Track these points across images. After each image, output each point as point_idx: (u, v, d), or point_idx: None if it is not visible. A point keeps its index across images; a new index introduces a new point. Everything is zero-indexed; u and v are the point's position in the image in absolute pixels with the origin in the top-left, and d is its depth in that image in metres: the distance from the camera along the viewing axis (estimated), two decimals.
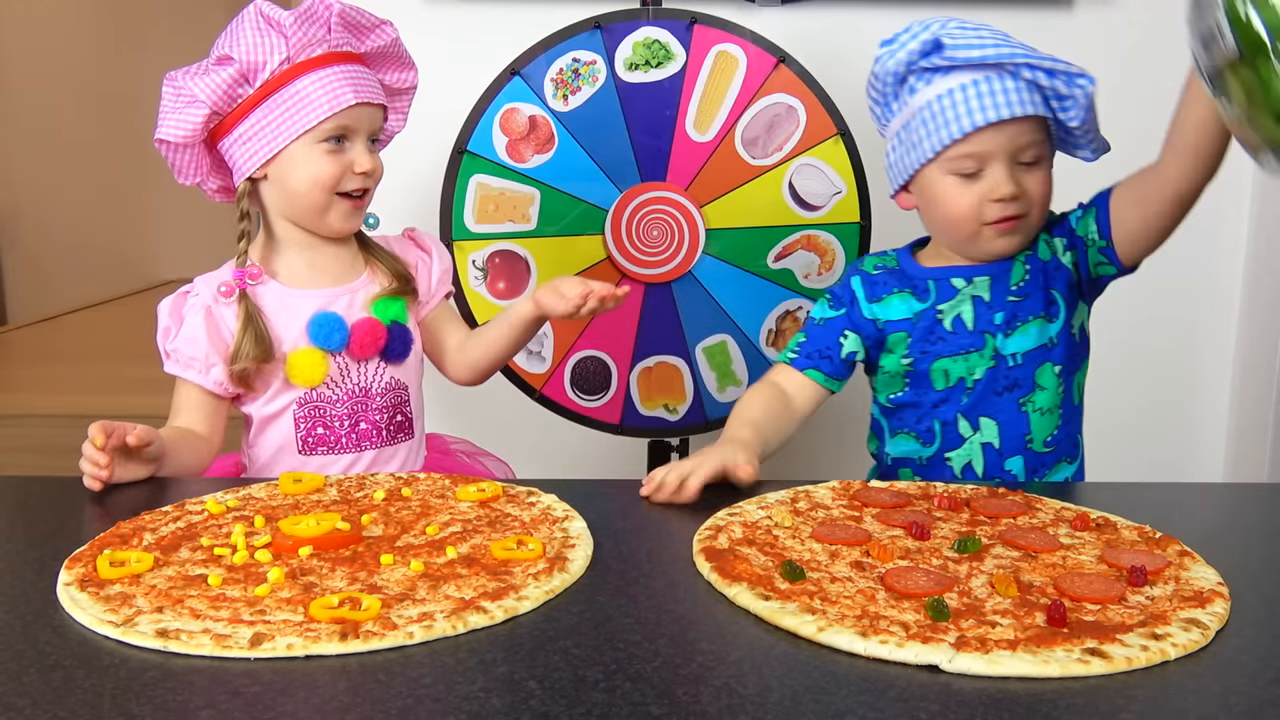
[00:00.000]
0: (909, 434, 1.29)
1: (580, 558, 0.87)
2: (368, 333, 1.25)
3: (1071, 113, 1.17)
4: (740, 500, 1.01)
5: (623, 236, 1.67)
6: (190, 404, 1.25)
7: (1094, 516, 0.97)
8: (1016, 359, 1.22)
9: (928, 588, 0.81)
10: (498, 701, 0.66)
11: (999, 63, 1.15)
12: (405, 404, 1.31)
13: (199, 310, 1.24)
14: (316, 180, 1.22)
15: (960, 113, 1.16)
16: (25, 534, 0.96)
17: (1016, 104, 1.15)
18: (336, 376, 1.25)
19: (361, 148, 1.24)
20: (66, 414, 1.10)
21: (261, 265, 1.26)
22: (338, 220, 1.25)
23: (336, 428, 1.26)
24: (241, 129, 1.22)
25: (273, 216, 1.28)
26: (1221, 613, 0.78)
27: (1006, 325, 1.22)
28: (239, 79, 1.20)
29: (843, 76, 1.77)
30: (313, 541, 0.88)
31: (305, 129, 1.20)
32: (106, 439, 1.05)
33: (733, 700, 0.66)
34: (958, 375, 1.24)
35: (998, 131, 1.16)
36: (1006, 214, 1.19)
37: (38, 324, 3.64)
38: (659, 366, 1.71)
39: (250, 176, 1.24)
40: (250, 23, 1.21)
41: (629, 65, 1.65)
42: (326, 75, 1.21)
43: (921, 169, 1.22)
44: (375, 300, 1.28)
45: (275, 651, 0.71)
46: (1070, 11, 1.91)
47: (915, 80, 1.20)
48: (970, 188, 1.19)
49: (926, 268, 1.28)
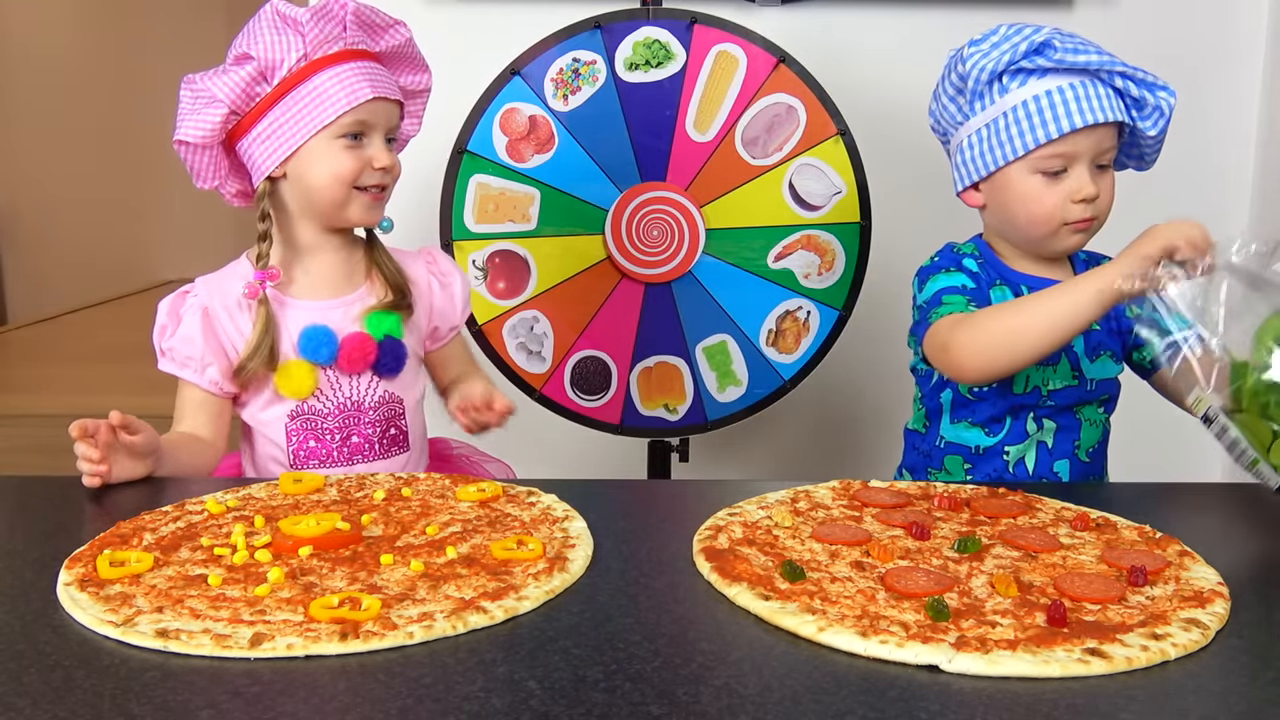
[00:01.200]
0: (974, 424, 1.31)
1: (580, 558, 0.87)
2: (357, 347, 1.24)
3: (1150, 121, 1.24)
4: (740, 500, 1.01)
5: (623, 236, 1.67)
6: (192, 406, 1.25)
7: (1094, 516, 0.97)
8: (1094, 384, 1.30)
9: (928, 588, 0.81)
10: (498, 701, 0.66)
11: (1096, 69, 1.21)
12: (400, 417, 1.30)
13: (196, 311, 1.24)
14: (336, 175, 1.22)
15: (1060, 114, 1.21)
16: (25, 534, 0.96)
17: (1110, 110, 1.21)
18: (327, 389, 1.25)
19: (379, 144, 1.24)
20: (66, 414, 1.09)
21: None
22: (358, 213, 1.25)
23: (328, 440, 1.26)
24: (260, 127, 1.22)
25: (289, 218, 1.27)
26: (1221, 613, 0.78)
27: (1092, 351, 1.29)
28: (257, 77, 1.20)
29: (843, 76, 1.77)
30: (313, 541, 0.88)
31: (324, 124, 1.20)
32: (83, 434, 1.04)
33: (733, 700, 0.66)
34: (1034, 384, 1.28)
35: (1088, 134, 1.22)
36: (1086, 215, 1.25)
37: (38, 324, 3.64)
38: (659, 366, 1.71)
39: (269, 176, 1.24)
40: (267, 21, 1.21)
41: (629, 65, 1.65)
42: (344, 71, 1.21)
43: (1004, 166, 1.25)
44: (369, 314, 1.27)
45: (275, 651, 0.71)
46: (1070, 11, 1.91)
47: (1009, 80, 1.24)
48: (1054, 187, 1.24)
49: (1019, 272, 1.31)
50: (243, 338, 1.24)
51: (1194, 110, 1.95)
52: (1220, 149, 1.96)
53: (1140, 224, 1.17)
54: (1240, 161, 1.97)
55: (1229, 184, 1.98)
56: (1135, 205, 1.59)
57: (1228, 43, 1.93)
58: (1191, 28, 1.92)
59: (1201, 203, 1.98)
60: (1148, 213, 1.92)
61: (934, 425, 1.35)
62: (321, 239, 1.28)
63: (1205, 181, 1.96)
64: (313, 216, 1.27)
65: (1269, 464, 0.92)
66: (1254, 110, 1.95)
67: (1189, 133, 1.95)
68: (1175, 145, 1.93)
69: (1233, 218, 1.98)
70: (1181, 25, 1.93)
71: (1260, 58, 1.93)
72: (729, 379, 1.71)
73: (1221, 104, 1.95)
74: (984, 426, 1.30)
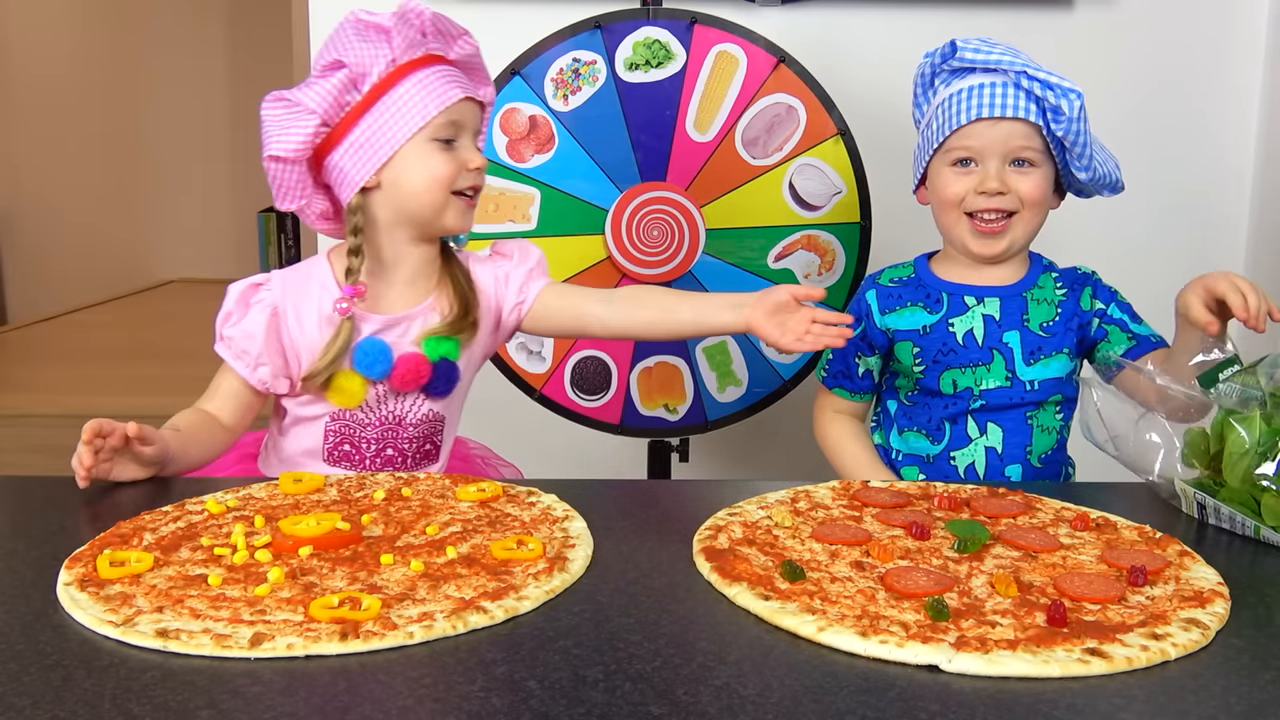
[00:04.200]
0: (919, 431, 1.36)
1: (580, 558, 0.87)
2: (411, 369, 1.22)
3: (1060, 124, 1.27)
4: (740, 500, 1.01)
5: (623, 236, 1.67)
6: (229, 392, 1.24)
7: (1094, 516, 0.97)
8: (1034, 385, 1.32)
9: (928, 588, 0.81)
10: (498, 701, 0.66)
11: (1000, 69, 1.28)
12: (438, 434, 1.28)
13: (266, 308, 1.21)
14: (435, 179, 1.20)
15: (963, 108, 1.30)
16: (25, 534, 0.96)
17: (1010, 106, 1.28)
18: (373, 402, 1.23)
19: (470, 144, 1.23)
20: (66, 414, 1.09)
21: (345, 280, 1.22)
22: (454, 219, 1.23)
23: (363, 449, 1.24)
24: (352, 136, 1.20)
25: (376, 230, 1.24)
26: (1221, 613, 0.78)
27: (1031, 354, 1.32)
28: (348, 85, 1.19)
29: (843, 76, 1.77)
30: (313, 541, 0.88)
31: (418, 127, 1.19)
32: (94, 435, 1.04)
33: (733, 700, 0.66)
34: (965, 385, 1.32)
35: (990, 128, 1.29)
36: (991, 206, 1.29)
37: (38, 324, 3.64)
38: (659, 366, 1.71)
39: (363, 187, 1.21)
40: (352, 29, 1.20)
41: (629, 65, 1.65)
42: (430, 74, 1.20)
43: (930, 161, 1.35)
44: (427, 337, 1.24)
45: (275, 651, 0.71)
46: (1070, 11, 1.91)
47: (939, 83, 1.36)
48: (962, 178, 1.32)
49: (943, 280, 1.37)
50: (307, 342, 1.21)
51: (1194, 110, 1.95)
52: (1220, 149, 1.96)
53: (1141, 224, 1.17)
54: (1240, 162, 1.96)
55: (1228, 184, 1.98)
56: (1136, 204, 1.60)
57: (1228, 43, 1.93)
58: (1191, 28, 1.92)
59: (1201, 203, 1.98)
60: (1147, 212, 1.92)
61: (887, 437, 1.41)
62: (407, 250, 1.25)
63: (1204, 182, 1.96)
64: (405, 226, 1.23)
65: (1269, 527, 0.93)
66: (1254, 110, 1.95)
67: (1189, 133, 1.95)
68: (1174, 146, 1.94)
69: (1232, 218, 1.98)
70: (1181, 25, 1.92)
71: (1260, 58, 1.93)
72: (729, 379, 1.71)
73: (1221, 104, 1.95)
74: (928, 434, 1.35)
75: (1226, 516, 0.97)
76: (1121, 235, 1.91)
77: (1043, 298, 1.34)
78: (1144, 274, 1.42)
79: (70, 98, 4.28)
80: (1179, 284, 1.20)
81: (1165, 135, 1.92)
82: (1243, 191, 1.97)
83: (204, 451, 1.21)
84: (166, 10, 4.30)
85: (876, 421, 1.44)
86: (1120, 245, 1.89)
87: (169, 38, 4.31)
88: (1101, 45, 1.89)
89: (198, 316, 3.50)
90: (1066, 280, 1.36)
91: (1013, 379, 1.32)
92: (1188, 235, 1.98)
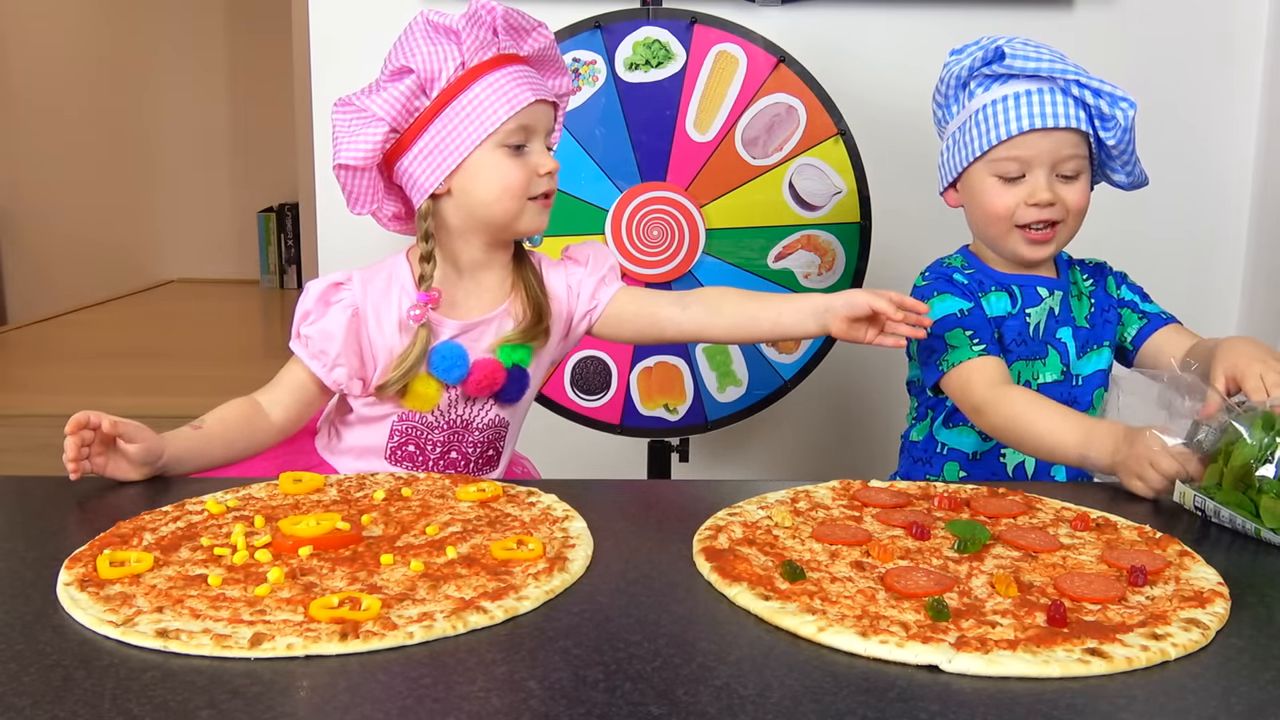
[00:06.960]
0: (970, 425, 1.30)
1: (580, 558, 0.87)
2: (487, 374, 1.21)
3: (1111, 132, 1.25)
4: (740, 500, 1.01)
5: (623, 236, 1.67)
6: (293, 386, 1.21)
7: (1094, 516, 0.97)
8: (1080, 380, 1.32)
9: (928, 588, 0.81)
10: (498, 701, 0.66)
11: (1051, 76, 1.25)
12: (501, 439, 1.28)
13: (347, 309, 1.20)
14: (506, 188, 1.18)
15: (1010, 117, 1.26)
16: (25, 534, 0.96)
17: (1062, 116, 1.24)
18: (443, 406, 1.22)
19: (541, 148, 1.21)
20: (66, 414, 1.08)
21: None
22: (530, 222, 1.21)
23: (428, 451, 1.24)
24: (422, 143, 1.18)
25: (449, 236, 1.23)
26: (1221, 613, 0.78)
27: (1082, 348, 1.32)
28: (417, 90, 1.17)
29: (843, 76, 1.77)
30: (313, 541, 0.88)
31: (489, 132, 1.16)
32: (78, 427, 1.04)
33: (733, 700, 0.66)
34: (1025, 378, 1.31)
35: (1042, 138, 1.25)
36: (1042, 218, 1.27)
37: (38, 324, 3.65)
38: (659, 366, 1.71)
39: (433, 193, 1.20)
40: (421, 32, 1.17)
41: (629, 65, 1.65)
42: (501, 76, 1.17)
43: (969, 167, 1.31)
44: (501, 344, 1.23)
45: (275, 651, 0.71)
46: (1070, 11, 1.91)
47: (975, 86, 1.31)
48: (1011, 190, 1.28)
49: (1006, 273, 1.34)
50: (385, 345, 1.20)
51: (1194, 110, 1.95)
52: (1220, 149, 1.96)
53: (1141, 223, 1.18)
54: (1240, 162, 1.96)
55: (1228, 184, 1.98)
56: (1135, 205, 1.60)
57: (1228, 43, 1.93)
58: (1191, 28, 1.92)
59: (1200, 203, 1.98)
60: (1146, 212, 1.92)
61: (931, 431, 1.37)
62: (483, 255, 1.24)
63: (1204, 182, 1.96)
64: (479, 232, 1.22)
65: (1269, 529, 0.93)
66: (1254, 110, 1.95)
67: (1189, 133, 1.95)
68: (1174, 146, 1.94)
69: (1231, 218, 1.98)
70: (1181, 25, 1.92)
71: (1260, 58, 1.93)
72: (729, 379, 1.71)
73: (1221, 104, 1.95)
74: (979, 430, 1.31)
75: (1226, 518, 0.97)
76: (1121, 234, 1.91)
77: (1078, 291, 1.35)
78: (1144, 274, 1.42)
79: (70, 98, 4.28)
80: (1178, 283, 1.21)
81: (1165, 135, 1.92)
82: (1243, 191, 1.97)
83: (233, 449, 1.18)
84: (166, 11, 4.30)
85: (919, 414, 1.39)
86: (1120, 244, 1.89)
87: (169, 38, 4.32)
88: (1101, 45, 1.89)
89: (198, 316, 3.52)
90: (1088, 271, 1.37)
91: (1066, 373, 1.31)
92: (1188, 235, 1.98)
